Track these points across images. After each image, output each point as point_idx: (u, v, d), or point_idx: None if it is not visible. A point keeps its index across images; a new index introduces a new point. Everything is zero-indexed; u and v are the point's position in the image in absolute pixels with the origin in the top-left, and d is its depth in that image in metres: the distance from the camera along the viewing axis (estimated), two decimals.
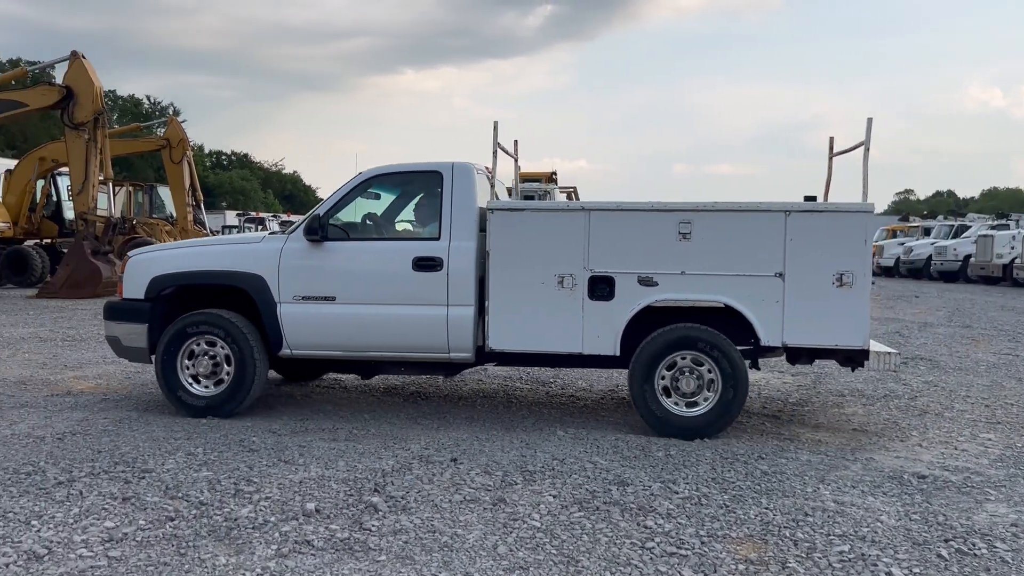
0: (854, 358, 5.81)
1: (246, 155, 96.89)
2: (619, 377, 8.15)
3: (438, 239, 6.14)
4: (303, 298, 6.26)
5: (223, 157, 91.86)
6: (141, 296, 6.49)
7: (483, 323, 6.07)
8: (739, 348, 5.81)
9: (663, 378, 5.80)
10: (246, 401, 6.30)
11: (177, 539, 3.82)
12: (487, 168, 6.47)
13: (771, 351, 6.00)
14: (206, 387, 6.30)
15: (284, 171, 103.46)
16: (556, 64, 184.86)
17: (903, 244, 30.91)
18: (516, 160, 7.63)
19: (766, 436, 5.89)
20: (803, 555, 3.73)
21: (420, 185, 6.52)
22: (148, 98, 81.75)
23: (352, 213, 6.55)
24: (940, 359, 9.57)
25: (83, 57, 16.15)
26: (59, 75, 18.03)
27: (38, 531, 3.88)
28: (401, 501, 4.35)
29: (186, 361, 6.30)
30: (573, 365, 6.54)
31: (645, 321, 5.87)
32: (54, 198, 21.06)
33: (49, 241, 20.46)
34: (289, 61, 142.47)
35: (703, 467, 5.04)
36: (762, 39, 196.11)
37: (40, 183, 20.75)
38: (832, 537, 3.94)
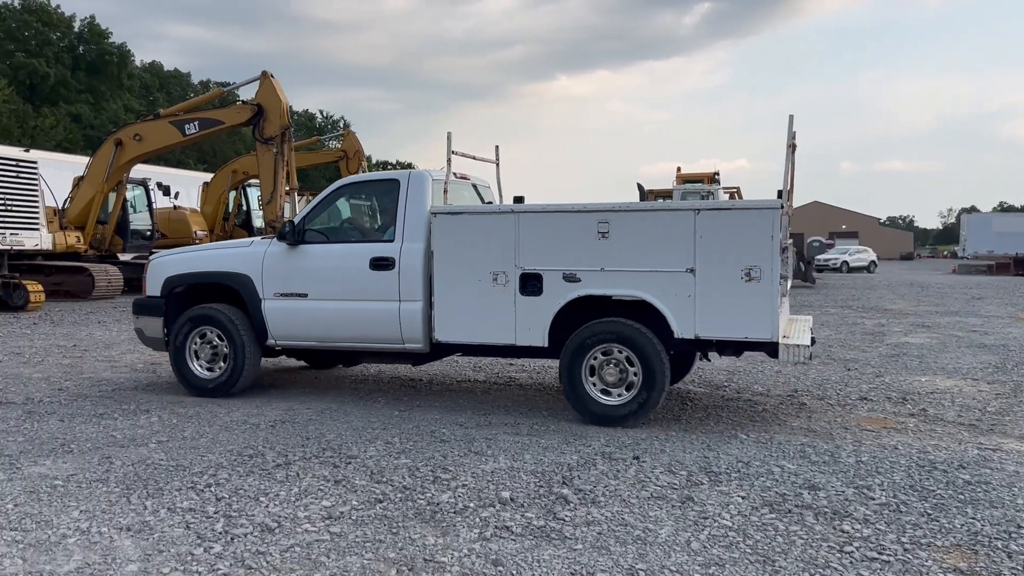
0: (770, 350, 5.90)
1: (410, 164, 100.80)
2: (796, 382, 7.94)
3: (392, 241, 6.75)
4: (281, 295, 7.07)
5: (389, 167, 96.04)
6: (158, 294, 7.51)
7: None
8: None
9: (590, 369, 6.15)
10: (239, 384, 7.14)
11: (388, 519, 4.12)
12: (460, 175, 7.27)
13: (708, 344, 6.12)
14: (208, 371, 7.22)
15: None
16: (714, 63, 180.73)
17: None
18: (497, 165, 8.11)
19: (964, 445, 5.58)
20: (1019, 568, 3.54)
21: (383, 192, 7.17)
22: (321, 112, 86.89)
23: (327, 219, 7.35)
24: None
25: (272, 76, 17.41)
26: (243, 94, 19.57)
27: (266, 507, 4.30)
28: (590, 494, 4.48)
29: (193, 348, 7.25)
30: (509, 355, 6.99)
31: (572, 315, 6.25)
32: (244, 207, 22.84)
33: None
34: (449, 72, 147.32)
35: (898, 474, 4.86)
36: (941, 26, 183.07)
37: (232, 194, 22.59)
38: None
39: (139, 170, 20.63)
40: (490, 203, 7.89)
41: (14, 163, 15.96)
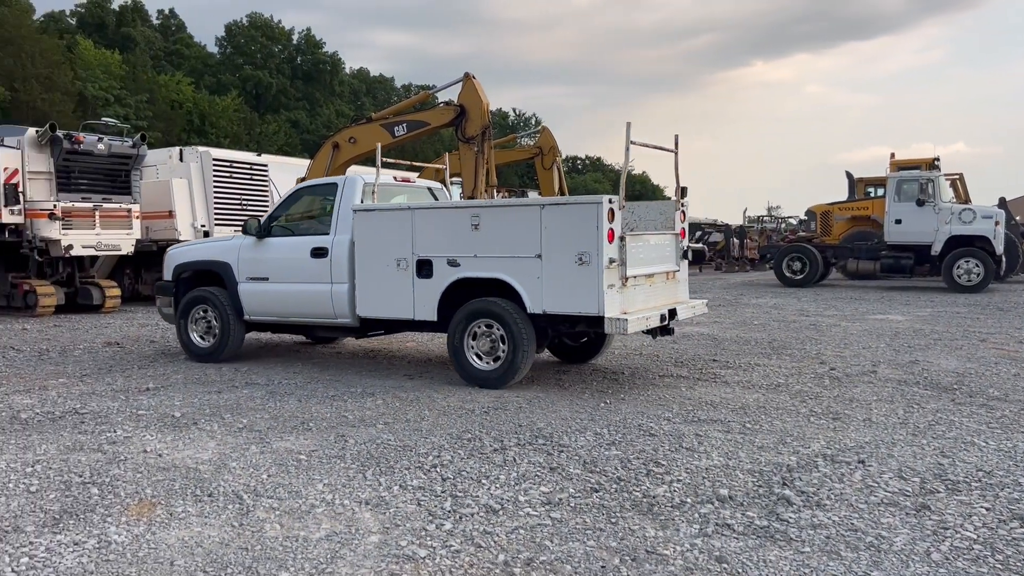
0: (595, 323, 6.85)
1: (599, 158, 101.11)
2: None
3: (328, 234, 8.16)
4: (251, 279, 8.66)
5: (578, 162, 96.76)
6: (170, 278, 9.31)
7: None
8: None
9: (472, 335, 7.27)
10: (226, 352, 8.77)
11: (605, 509, 4.19)
12: (402, 178, 9.29)
13: (556, 319, 7.10)
14: (203, 340, 8.92)
15: (633, 172, 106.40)
16: (927, 40, 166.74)
17: None
18: (447, 169, 9.74)
19: None
20: None
21: (327, 194, 8.49)
22: (514, 110, 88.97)
23: (287, 216, 8.75)
24: None
25: (473, 77, 18.02)
26: (442, 96, 20.38)
27: (488, 489, 4.50)
28: (814, 497, 4.32)
29: (192, 323, 8.97)
30: (410, 329, 8.37)
31: (457, 294, 7.38)
32: None
33: None
34: (638, 64, 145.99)
35: None
36: None
37: None
38: None
39: (351, 171, 22.10)
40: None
41: (249, 166, 17.62)
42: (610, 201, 6.72)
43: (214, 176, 16.71)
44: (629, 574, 3.43)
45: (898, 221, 19.30)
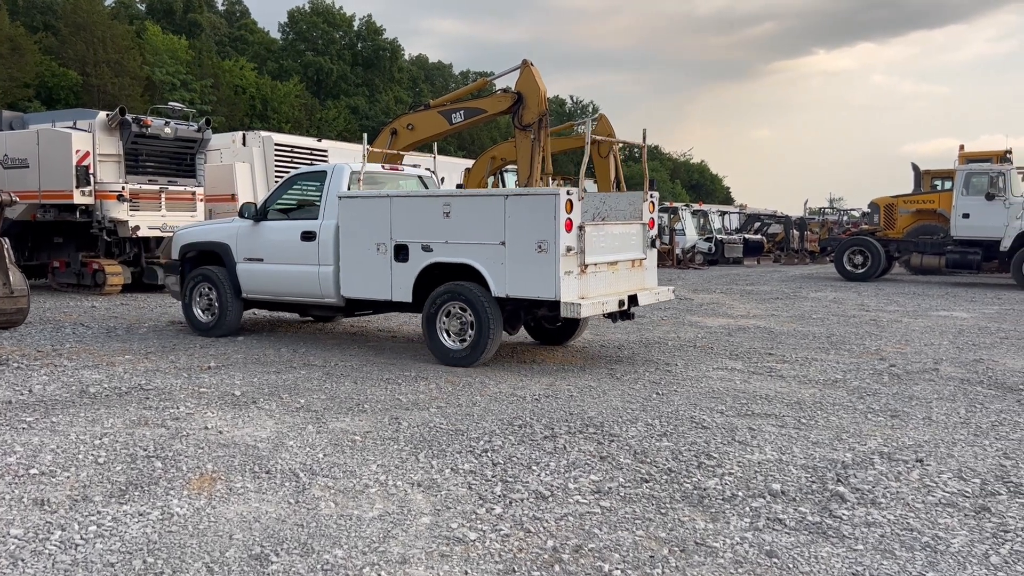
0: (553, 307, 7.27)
1: (656, 147, 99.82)
2: None
3: (316, 219, 8.66)
4: (247, 259, 9.23)
5: (635, 150, 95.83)
6: (177, 258, 9.93)
7: None
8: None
9: (444, 319, 7.69)
10: (225, 327, 9.35)
11: (655, 499, 4.19)
12: (390, 167, 10.00)
13: (517, 302, 7.54)
14: (204, 315, 9.52)
15: (691, 161, 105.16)
16: (1002, 28, 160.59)
17: None
18: (434, 158, 10.65)
19: None
20: None
21: (317, 181, 8.98)
22: (571, 98, 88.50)
23: (282, 202, 9.36)
24: None
25: (531, 65, 17.95)
26: (500, 83, 20.40)
27: (538, 475, 4.53)
28: (868, 494, 4.25)
29: (197, 298, 9.56)
30: (389, 310, 8.90)
31: (431, 277, 7.82)
32: None
33: None
34: (696, 52, 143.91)
35: None
36: None
37: (491, 179, 23.70)
38: None
39: (409, 157, 22.28)
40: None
41: (309, 151, 17.91)
42: (568, 193, 7.11)
43: (276, 160, 17.04)
44: (678, 565, 3.43)
45: (966, 215, 18.71)
